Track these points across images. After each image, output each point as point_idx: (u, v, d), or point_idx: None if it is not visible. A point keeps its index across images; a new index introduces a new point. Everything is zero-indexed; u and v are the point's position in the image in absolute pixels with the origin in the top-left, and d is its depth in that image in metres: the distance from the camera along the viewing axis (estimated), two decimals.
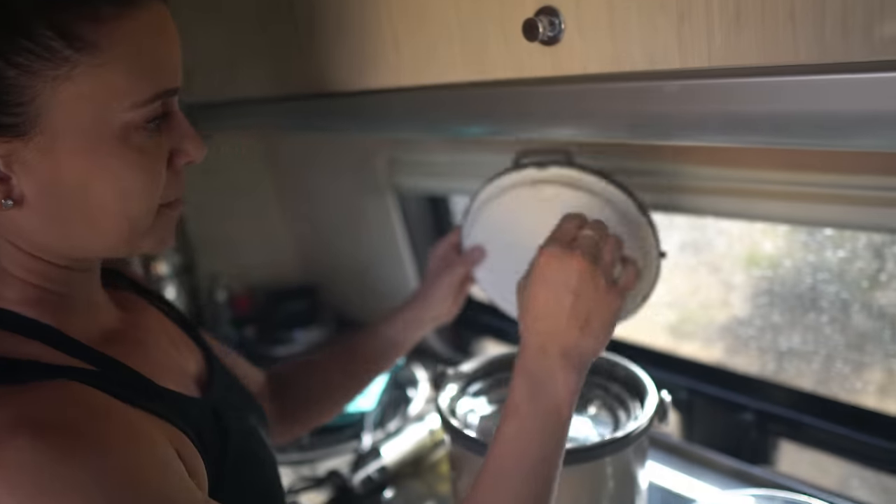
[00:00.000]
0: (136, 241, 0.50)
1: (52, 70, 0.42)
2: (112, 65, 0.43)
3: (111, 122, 0.45)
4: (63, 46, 0.42)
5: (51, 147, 0.43)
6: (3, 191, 0.44)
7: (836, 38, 0.39)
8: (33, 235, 0.47)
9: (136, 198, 0.48)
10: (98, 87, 0.43)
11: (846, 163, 0.71)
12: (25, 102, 0.42)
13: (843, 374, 0.97)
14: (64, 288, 0.51)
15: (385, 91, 0.71)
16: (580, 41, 0.51)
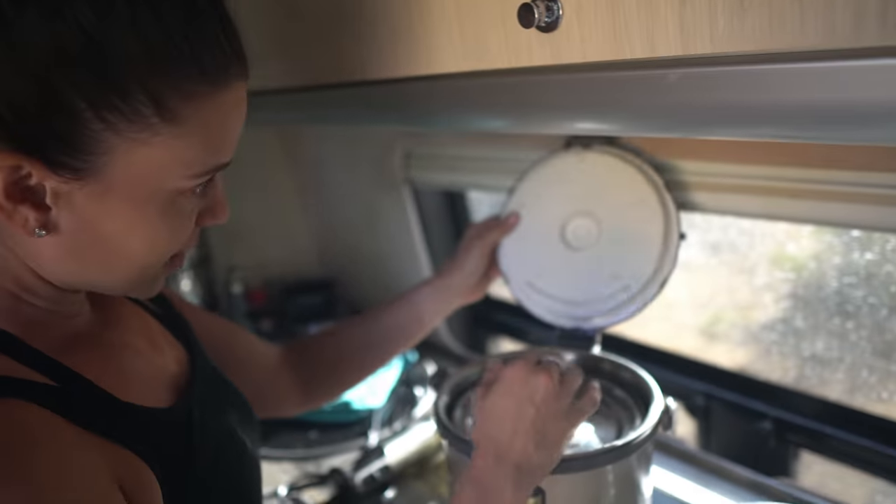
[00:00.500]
0: (135, 286, 0.51)
1: (135, 133, 0.43)
2: (188, 139, 0.45)
3: (167, 186, 0.46)
4: (152, 115, 0.43)
5: (103, 195, 0.44)
6: (41, 221, 0.44)
7: (848, 21, 0.36)
8: (48, 263, 0.47)
9: (161, 250, 0.49)
10: (169, 157, 0.45)
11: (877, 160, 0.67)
12: (97, 154, 0.43)
13: (868, 382, 0.93)
14: (43, 302, 0.51)
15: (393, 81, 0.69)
16: (578, 27, 0.49)
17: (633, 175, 0.85)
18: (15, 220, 0.43)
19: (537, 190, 0.92)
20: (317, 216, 1.65)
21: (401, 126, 1.09)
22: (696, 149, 0.83)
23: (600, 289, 0.87)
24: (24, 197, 0.43)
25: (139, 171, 0.44)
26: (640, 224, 0.84)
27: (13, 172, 0.42)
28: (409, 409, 1.15)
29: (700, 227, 1.10)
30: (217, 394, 0.64)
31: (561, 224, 0.90)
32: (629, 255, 0.85)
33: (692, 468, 0.97)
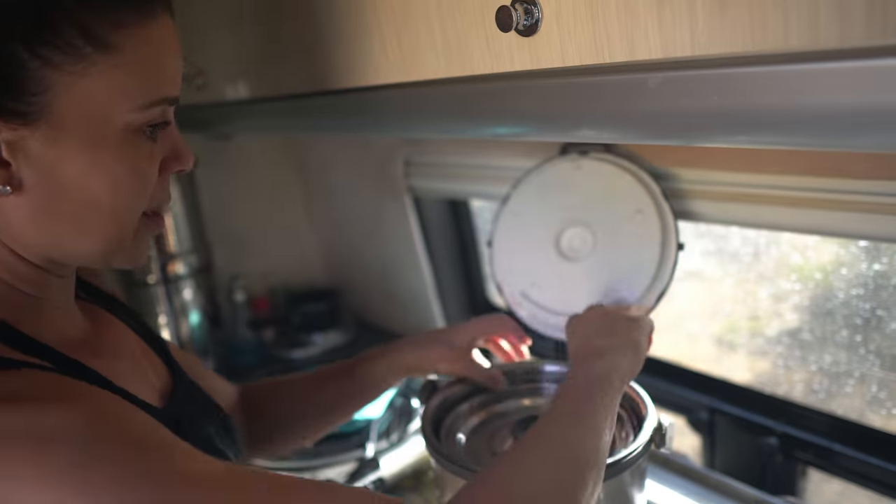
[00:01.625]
0: (114, 249, 0.50)
1: (71, 65, 0.43)
2: (126, 67, 0.45)
3: (115, 121, 0.46)
4: (84, 44, 0.44)
5: (55, 138, 0.44)
6: (4, 176, 0.44)
7: (833, 21, 0.34)
8: (19, 228, 0.47)
9: (127, 196, 0.49)
10: (110, 87, 0.45)
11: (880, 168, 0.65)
12: (40, 92, 0.43)
13: (879, 398, 0.89)
14: (35, 290, 0.51)
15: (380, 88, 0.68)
16: (558, 31, 0.47)
17: (631, 183, 0.83)
18: None
19: (532, 198, 0.90)
20: (320, 224, 1.65)
21: (393, 133, 1.08)
22: (695, 156, 0.81)
23: (596, 300, 0.84)
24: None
25: (85, 106, 0.45)
26: (636, 234, 0.82)
27: None
28: (407, 421, 1.14)
29: (715, 235, 1.07)
30: (197, 406, 0.64)
31: (556, 233, 0.88)
32: (626, 265, 0.83)
33: (696, 485, 0.94)
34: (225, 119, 1.07)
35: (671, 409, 1.06)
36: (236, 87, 0.96)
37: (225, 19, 0.93)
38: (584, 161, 0.86)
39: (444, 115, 0.63)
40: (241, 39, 0.90)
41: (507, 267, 0.91)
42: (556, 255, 0.88)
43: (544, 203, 0.89)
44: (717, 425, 1.00)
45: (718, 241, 1.07)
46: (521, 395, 0.83)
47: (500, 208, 0.93)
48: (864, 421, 0.88)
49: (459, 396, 0.80)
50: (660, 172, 0.83)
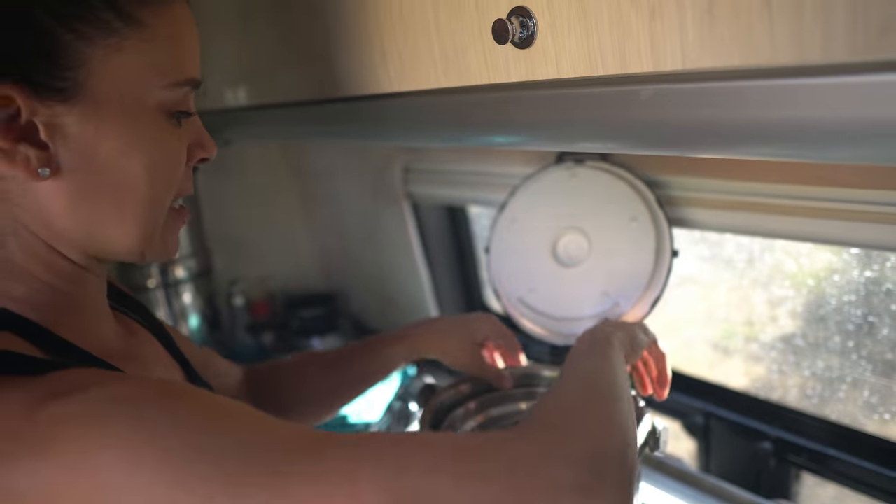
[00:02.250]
0: (149, 239, 0.51)
1: (103, 39, 0.44)
2: (156, 43, 0.47)
3: (148, 99, 0.47)
4: (114, 18, 0.44)
5: (92, 117, 0.45)
6: (43, 159, 0.44)
7: (817, 37, 0.35)
8: (57, 219, 0.47)
9: (161, 178, 0.50)
10: (141, 63, 0.46)
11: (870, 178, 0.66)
12: (76, 67, 0.44)
13: (871, 403, 0.90)
14: (74, 289, 0.51)
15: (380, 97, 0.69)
16: (553, 43, 0.48)
17: (625, 191, 0.84)
18: (17, 162, 0.43)
19: (529, 205, 0.91)
20: (319, 230, 1.66)
21: (393, 142, 1.09)
22: (689, 165, 0.82)
23: (592, 306, 0.86)
24: (21, 136, 0.43)
25: (119, 82, 0.46)
26: (631, 240, 0.83)
27: (3, 107, 0.43)
28: (405, 424, 1.14)
29: (705, 242, 1.08)
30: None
31: (552, 240, 0.89)
32: (621, 271, 0.84)
33: (691, 489, 0.95)
34: (225, 125, 1.08)
35: (667, 413, 1.07)
36: (236, 94, 0.97)
37: (226, 26, 0.94)
38: (579, 169, 0.87)
39: (443, 124, 0.64)
40: (241, 47, 0.92)
41: (504, 273, 0.92)
42: (552, 262, 0.89)
43: (541, 210, 0.90)
44: (712, 430, 1.01)
45: (714, 248, 1.08)
46: (517, 398, 0.84)
47: (498, 215, 0.94)
48: (857, 426, 0.89)
49: (456, 400, 0.81)
50: (654, 180, 0.84)
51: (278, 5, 0.80)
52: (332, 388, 0.82)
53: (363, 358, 0.82)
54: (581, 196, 0.87)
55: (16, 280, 0.48)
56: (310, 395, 0.82)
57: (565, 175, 0.88)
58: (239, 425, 0.40)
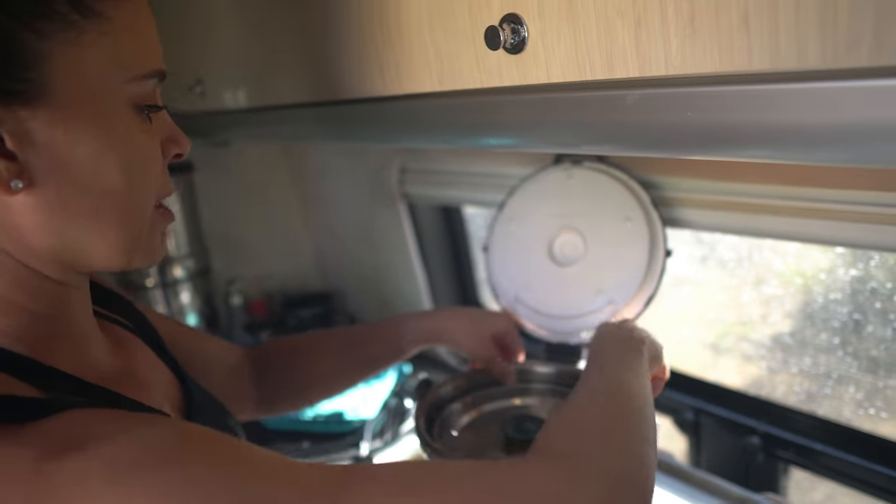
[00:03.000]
0: (133, 244, 0.48)
1: (62, 34, 0.42)
2: (116, 34, 0.44)
3: (115, 94, 0.45)
4: (70, 11, 0.42)
5: (59, 119, 0.42)
6: (14, 170, 0.41)
7: (791, 46, 0.37)
8: (33, 235, 0.44)
9: (138, 178, 0.47)
10: (104, 56, 0.44)
11: (858, 179, 0.68)
12: (34, 66, 0.41)
13: (856, 399, 0.92)
14: (57, 311, 0.48)
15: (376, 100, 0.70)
16: (543, 49, 0.50)
17: (621, 191, 0.86)
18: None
19: (526, 205, 0.93)
20: (316, 230, 1.67)
21: (389, 143, 1.11)
22: (683, 166, 0.84)
23: (586, 304, 0.87)
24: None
25: (83, 79, 0.43)
26: (626, 240, 0.85)
27: None
28: (400, 420, 1.16)
29: (697, 243, 1.10)
30: (211, 413, 0.63)
31: (549, 239, 0.91)
32: (615, 270, 0.86)
33: (682, 484, 0.97)
34: (223, 127, 1.09)
35: (658, 409, 1.09)
36: (235, 96, 0.99)
37: (224, 28, 0.95)
38: (576, 170, 0.89)
39: (437, 127, 0.65)
40: (240, 49, 0.93)
41: (501, 271, 0.94)
42: (548, 261, 0.91)
43: (538, 210, 0.92)
44: (702, 425, 1.03)
45: (707, 248, 1.10)
46: (511, 395, 0.85)
47: (496, 215, 0.95)
48: (843, 421, 0.91)
49: (452, 395, 0.83)
50: (649, 181, 0.86)
51: (278, 9, 0.82)
52: (347, 370, 0.83)
53: (381, 339, 0.83)
54: (577, 196, 0.89)
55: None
56: (324, 375, 0.82)
57: (562, 176, 0.90)
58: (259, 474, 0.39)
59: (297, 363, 0.82)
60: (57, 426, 0.38)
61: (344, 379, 0.83)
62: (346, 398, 1.22)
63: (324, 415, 1.17)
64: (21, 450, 0.36)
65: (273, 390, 0.81)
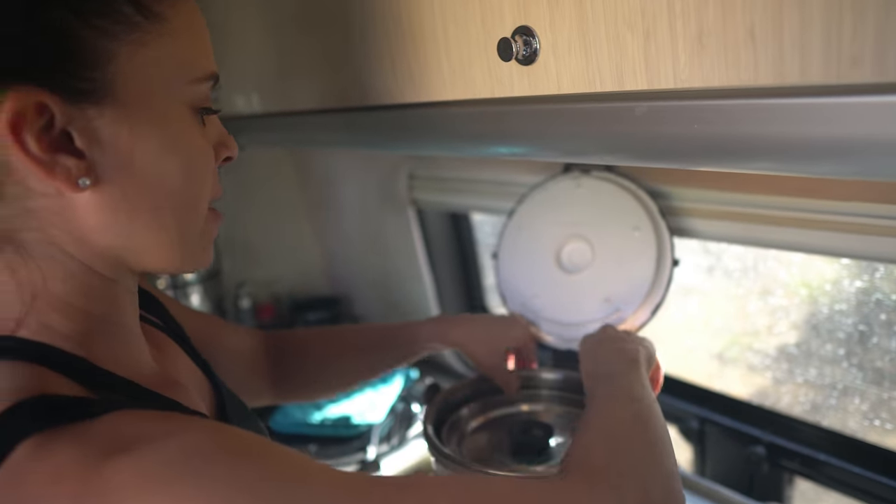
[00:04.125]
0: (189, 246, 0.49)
1: (127, 34, 0.43)
2: (175, 37, 0.45)
3: (177, 95, 0.46)
4: (134, 13, 0.43)
5: (124, 118, 0.43)
6: (83, 168, 0.42)
7: (795, 61, 0.38)
8: (93, 234, 0.45)
9: (198, 179, 0.48)
10: (166, 58, 0.45)
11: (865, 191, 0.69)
12: (102, 66, 0.42)
13: (861, 410, 0.93)
14: (108, 310, 0.48)
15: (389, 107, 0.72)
16: (554, 61, 0.51)
17: (629, 201, 0.86)
18: (57, 174, 0.41)
19: (535, 213, 0.94)
20: (325, 235, 1.69)
21: (401, 151, 1.12)
22: (691, 176, 0.85)
23: (593, 312, 0.88)
24: (57, 146, 0.42)
25: (147, 79, 0.44)
26: (633, 249, 0.86)
27: (38, 117, 0.41)
28: (408, 425, 1.17)
29: (705, 252, 1.11)
30: (242, 416, 0.64)
31: (557, 247, 0.92)
32: (622, 279, 0.87)
33: (687, 492, 0.97)
34: (236, 132, 1.10)
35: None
36: (249, 101, 1.00)
37: (238, 34, 0.97)
38: (585, 179, 0.90)
39: (449, 135, 0.67)
40: (255, 55, 0.95)
41: (510, 279, 0.95)
42: (556, 269, 0.92)
43: (547, 218, 0.93)
44: (707, 435, 1.04)
45: (714, 258, 1.10)
46: (518, 401, 0.86)
47: (506, 222, 0.97)
48: (847, 432, 0.92)
49: (460, 400, 0.84)
50: (657, 191, 0.87)
51: (292, 16, 0.83)
52: (362, 369, 0.85)
53: (396, 343, 0.84)
54: (586, 205, 0.90)
55: (54, 310, 0.45)
56: (339, 371, 0.84)
57: (571, 185, 0.91)
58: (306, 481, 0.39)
59: (311, 356, 0.84)
60: (106, 427, 0.38)
61: (356, 378, 0.85)
62: (354, 402, 1.23)
63: (331, 419, 1.18)
64: (71, 450, 0.37)
65: (287, 378, 0.83)
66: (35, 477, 0.36)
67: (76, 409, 0.39)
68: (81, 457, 0.36)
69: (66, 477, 0.36)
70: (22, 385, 0.41)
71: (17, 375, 0.42)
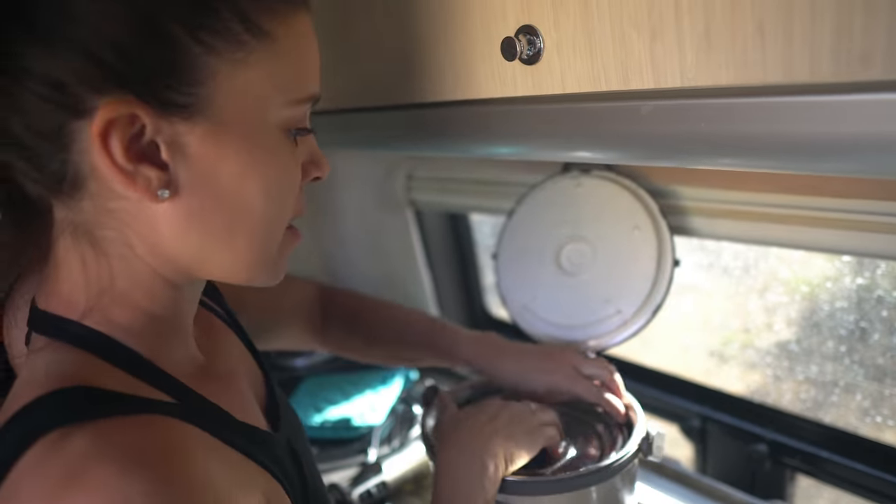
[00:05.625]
0: (259, 263, 0.48)
1: (232, 53, 0.42)
2: (280, 57, 0.44)
3: (271, 117, 0.45)
4: (243, 31, 0.42)
5: (214, 135, 0.43)
6: (164, 180, 0.42)
7: (805, 59, 0.38)
8: (167, 242, 0.45)
9: (278, 201, 0.47)
10: (266, 78, 0.44)
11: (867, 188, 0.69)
12: (202, 82, 0.41)
13: (862, 406, 0.93)
14: (168, 312, 0.49)
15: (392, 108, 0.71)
16: (558, 61, 0.51)
17: (629, 200, 0.86)
18: (137, 184, 0.41)
19: (535, 213, 0.94)
20: (323, 236, 1.68)
21: (403, 151, 1.12)
22: (692, 175, 0.85)
23: (594, 313, 0.88)
24: (143, 156, 0.41)
25: (244, 99, 0.43)
26: (634, 249, 0.86)
27: (129, 126, 0.40)
28: (408, 426, 1.17)
29: (704, 251, 1.11)
30: (294, 420, 0.64)
31: (557, 248, 0.92)
32: (623, 279, 0.86)
33: (688, 490, 0.97)
34: None
35: (664, 417, 1.10)
36: None
37: None
38: (585, 179, 0.90)
39: (452, 136, 0.66)
40: None
41: (510, 279, 0.94)
42: (555, 269, 0.91)
43: (546, 218, 0.92)
44: (708, 433, 1.04)
45: (711, 256, 1.11)
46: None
47: (505, 222, 0.96)
48: (849, 429, 0.92)
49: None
50: (657, 190, 0.87)
51: None
52: (400, 359, 0.88)
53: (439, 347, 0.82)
54: (585, 205, 0.90)
55: (117, 306, 0.46)
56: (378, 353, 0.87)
57: (571, 184, 0.91)
58: None
59: (358, 331, 0.86)
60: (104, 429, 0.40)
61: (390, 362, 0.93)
62: (354, 404, 1.23)
63: (331, 421, 1.18)
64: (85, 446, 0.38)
65: (331, 338, 0.87)
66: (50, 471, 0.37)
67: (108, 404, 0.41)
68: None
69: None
70: (67, 372, 0.42)
71: (66, 361, 0.43)
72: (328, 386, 1.32)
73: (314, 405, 1.24)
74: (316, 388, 1.32)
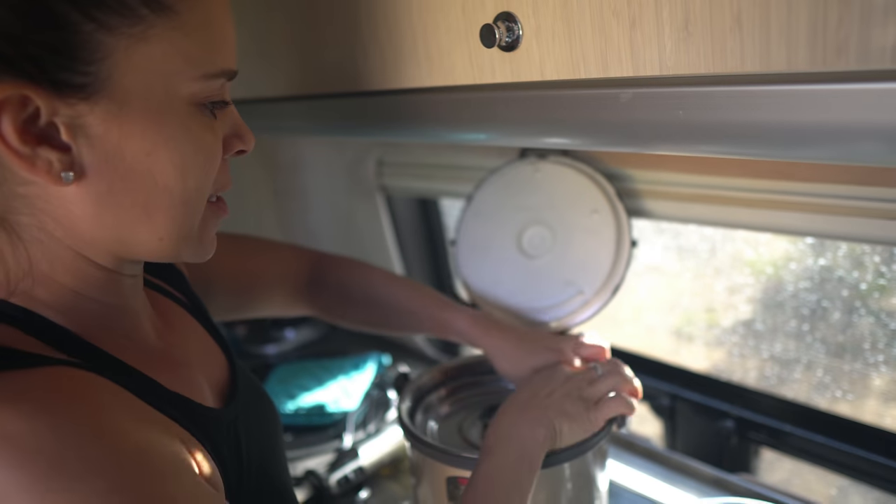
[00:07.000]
0: (183, 239, 0.48)
1: (128, 28, 0.40)
2: (185, 31, 0.43)
3: (178, 92, 0.44)
4: (139, 5, 0.41)
5: (117, 114, 0.41)
6: (66, 162, 0.41)
7: (782, 49, 0.39)
8: (83, 224, 0.44)
9: (194, 176, 0.46)
10: (170, 53, 0.42)
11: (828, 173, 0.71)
12: (98, 60, 0.40)
13: (823, 382, 0.97)
14: (105, 295, 0.48)
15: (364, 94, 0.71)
16: (537, 48, 0.51)
17: (587, 184, 0.87)
18: (38, 168, 0.40)
19: (494, 198, 0.94)
20: (292, 222, 1.66)
21: (375, 137, 1.11)
22: (647, 159, 0.86)
23: (555, 295, 0.89)
24: (41, 138, 0.40)
25: (146, 75, 0.42)
26: (593, 232, 0.87)
27: (21, 108, 0.39)
28: (383, 411, 1.17)
29: (669, 232, 1.13)
30: (257, 404, 0.63)
31: (517, 232, 0.92)
32: (583, 261, 0.87)
33: (658, 466, 1.00)
34: None
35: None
36: None
37: None
38: (542, 164, 0.90)
39: (426, 122, 0.66)
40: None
41: (471, 265, 0.95)
42: (517, 253, 0.92)
43: (505, 203, 0.93)
44: (677, 410, 1.07)
45: (677, 238, 1.13)
46: (485, 384, 0.87)
47: (465, 208, 0.97)
48: (811, 404, 0.95)
49: (429, 387, 0.84)
50: (614, 173, 0.88)
51: (260, 1, 0.81)
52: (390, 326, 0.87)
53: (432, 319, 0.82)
54: (544, 190, 0.90)
55: (40, 286, 0.46)
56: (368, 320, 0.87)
57: (529, 170, 0.91)
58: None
59: (350, 299, 0.86)
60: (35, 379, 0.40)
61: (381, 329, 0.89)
62: (327, 390, 1.23)
63: (305, 407, 1.17)
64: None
65: (321, 305, 0.87)
66: None
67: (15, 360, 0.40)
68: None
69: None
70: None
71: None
72: (301, 373, 1.31)
73: (287, 392, 1.23)
74: (288, 375, 1.31)
